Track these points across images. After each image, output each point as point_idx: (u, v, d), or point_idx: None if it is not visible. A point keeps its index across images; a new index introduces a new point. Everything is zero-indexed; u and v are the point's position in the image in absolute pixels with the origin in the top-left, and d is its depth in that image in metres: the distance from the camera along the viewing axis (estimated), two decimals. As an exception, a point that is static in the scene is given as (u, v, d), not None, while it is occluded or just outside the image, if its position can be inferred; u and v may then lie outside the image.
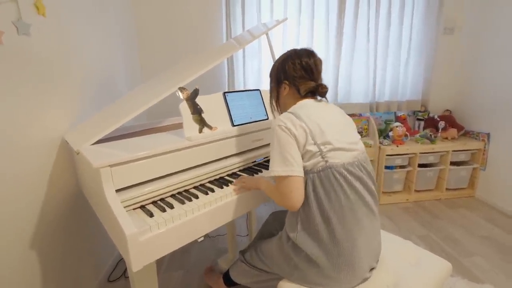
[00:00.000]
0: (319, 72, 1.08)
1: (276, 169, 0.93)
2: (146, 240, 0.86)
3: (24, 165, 1.10)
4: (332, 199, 0.92)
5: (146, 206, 1.01)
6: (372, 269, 1.01)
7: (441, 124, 2.77)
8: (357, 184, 0.95)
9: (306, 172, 0.94)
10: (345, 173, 0.94)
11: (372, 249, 0.99)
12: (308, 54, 1.07)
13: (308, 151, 0.93)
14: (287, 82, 1.08)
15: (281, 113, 1.09)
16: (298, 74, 1.05)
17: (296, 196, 0.92)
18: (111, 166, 0.92)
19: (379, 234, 1.04)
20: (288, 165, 0.92)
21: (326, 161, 0.92)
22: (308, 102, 1.04)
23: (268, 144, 1.43)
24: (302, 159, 0.94)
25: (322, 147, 0.93)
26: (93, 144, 1.09)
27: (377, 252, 1.02)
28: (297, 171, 0.92)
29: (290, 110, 1.01)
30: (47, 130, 1.23)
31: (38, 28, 1.17)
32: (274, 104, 1.17)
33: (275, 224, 1.31)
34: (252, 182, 1.13)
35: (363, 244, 0.95)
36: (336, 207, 0.92)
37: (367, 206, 0.97)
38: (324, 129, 0.95)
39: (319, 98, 1.09)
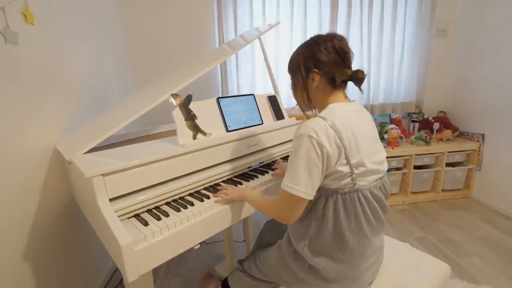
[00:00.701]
0: (350, 57, 0.94)
1: (296, 187, 0.82)
2: (141, 249, 0.85)
3: (15, 176, 1.08)
4: (352, 222, 0.87)
5: (141, 215, 0.99)
6: (372, 280, 1.00)
7: (436, 125, 2.79)
8: (377, 206, 0.91)
9: (329, 191, 0.87)
10: (370, 197, 0.88)
11: (377, 264, 0.99)
12: (339, 37, 0.92)
13: (337, 171, 0.83)
14: (317, 71, 0.91)
15: (318, 109, 0.98)
16: (332, 60, 0.90)
17: (297, 215, 0.88)
18: (104, 175, 0.90)
19: (383, 247, 1.03)
20: (309, 188, 0.82)
21: (355, 184, 0.85)
22: (344, 106, 0.91)
23: (263, 149, 1.42)
24: (326, 177, 0.85)
25: (354, 169, 0.83)
26: (85, 153, 1.07)
27: (379, 264, 1.02)
28: (313, 196, 0.84)
29: (323, 114, 0.86)
30: (38, 140, 1.21)
31: (27, 37, 1.16)
32: (304, 100, 0.98)
33: (270, 233, 1.29)
34: (236, 193, 1.06)
35: (372, 260, 0.95)
36: (354, 230, 0.88)
37: (380, 224, 0.94)
38: (360, 144, 0.84)
39: (350, 98, 0.98)
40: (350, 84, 0.96)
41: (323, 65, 0.91)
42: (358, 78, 0.91)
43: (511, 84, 2.35)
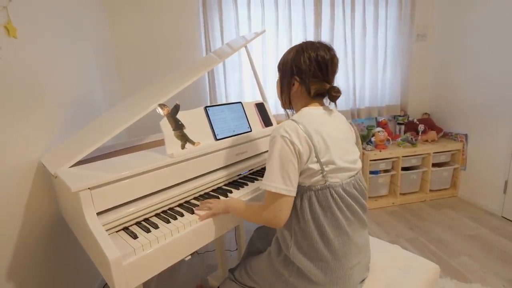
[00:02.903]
0: (334, 72, 0.97)
1: (275, 184, 0.86)
2: (131, 263, 0.83)
3: (-2, 192, 1.05)
4: (329, 216, 0.90)
5: (130, 228, 0.97)
6: (363, 279, 1.01)
7: (421, 127, 2.85)
8: (353, 202, 0.93)
9: (303, 188, 0.90)
10: (343, 193, 0.91)
11: (364, 262, 1.00)
12: (326, 48, 0.95)
13: (309, 169, 0.88)
14: (297, 79, 0.96)
15: (294, 111, 1.02)
16: (311, 71, 0.93)
17: (286, 215, 0.89)
18: (90, 188, 0.89)
19: (369, 245, 1.04)
20: (288, 184, 0.86)
21: (326, 181, 0.89)
22: (316, 110, 0.96)
23: (252, 157, 1.42)
24: (300, 175, 0.89)
25: (324, 166, 0.88)
26: (71, 166, 1.05)
27: (367, 262, 1.03)
28: (294, 192, 0.88)
29: (296, 117, 0.91)
30: (22, 154, 1.18)
31: (9, 50, 1.14)
32: (284, 101, 1.04)
33: (260, 240, 1.29)
34: (219, 205, 1.05)
35: (357, 258, 0.95)
36: (332, 223, 0.90)
37: (360, 221, 0.97)
38: (329, 144, 0.89)
39: (327, 103, 1.02)
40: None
41: (302, 73, 0.95)
42: (331, 95, 0.96)
43: (490, 85, 2.43)
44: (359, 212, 0.95)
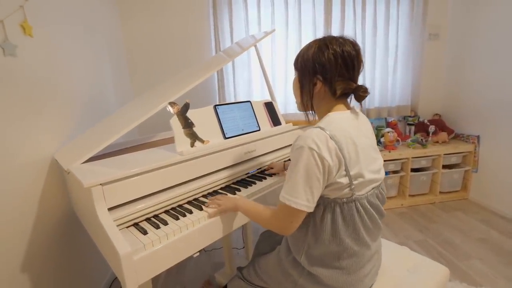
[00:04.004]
0: (359, 69, 0.89)
1: (296, 200, 0.80)
2: (141, 258, 0.85)
3: (13, 187, 1.08)
4: (350, 230, 0.87)
5: (140, 224, 0.99)
6: (372, 284, 1.00)
7: (431, 128, 2.81)
8: (375, 212, 0.90)
9: (327, 200, 0.85)
10: (367, 205, 0.87)
11: (376, 268, 0.99)
12: (351, 43, 0.86)
13: (337, 183, 0.81)
14: (320, 78, 0.87)
15: (318, 115, 0.95)
16: (336, 70, 0.85)
17: (296, 226, 0.86)
18: (102, 184, 0.91)
19: (381, 249, 1.03)
20: (309, 201, 0.80)
21: (353, 194, 0.84)
22: (344, 115, 0.88)
23: (261, 155, 1.43)
24: (326, 188, 0.83)
25: (353, 180, 0.82)
26: (84, 162, 1.07)
27: (378, 268, 1.02)
28: (312, 208, 0.83)
29: (323, 125, 0.83)
30: (36, 150, 1.21)
31: (25, 48, 1.17)
32: (304, 103, 0.94)
33: (267, 242, 1.27)
34: (229, 203, 1.03)
35: (371, 265, 0.95)
36: (353, 236, 0.87)
37: (377, 228, 0.94)
38: (360, 155, 0.83)
39: (352, 105, 0.94)
40: None
41: (326, 72, 0.86)
42: (358, 95, 0.88)
43: (503, 86, 2.38)
44: (378, 220, 0.93)
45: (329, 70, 0.85)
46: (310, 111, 0.95)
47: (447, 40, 2.92)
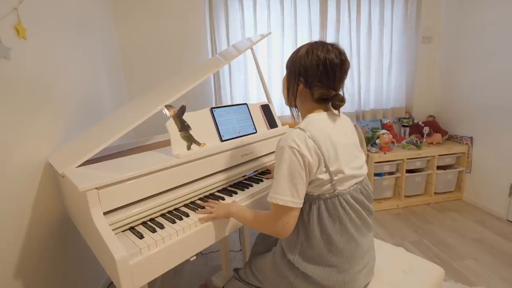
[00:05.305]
0: (341, 79, 0.92)
1: (282, 197, 0.84)
2: (137, 263, 0.84)
3: (6, 191, 1.07)
4: (337, 225, 0.90)
5: (136, 228, 0.98)
6: (367, 283, 1.01)
7: (426, 129, 2.84)
8: (360, 208, 0.93)
9: (311, 197, 0.90)
10: (351, 200, 0.90)
11: (370, 266, 1.00)
12: (338, 51, 0.89)
13: (318, 179, 0.86)
14: (302, 80, 0.92)
15: (301, 115, 1.00)
16: (317, 75, 0.89)
17: (292, 227, 0.89)
18: (98, 188, 0.90)
19: (374, 248, 1.04)
20: (295, 196, 0.84)
21: (335, 189, 0.88)
22: (321, 116, 0.92)
23: (257, 158, 1.43)
24: (309, 185, 0.88)
25: (334, 176, 0.86)
26: (78, 166, 1.06)
27: (372, 266, 1.02)
28: (301, 204, 0.87)
29: (303, 126, 0.88)
30: (30, 154, 1.19)
31: (19, 51, 1.16)
32: (290, 100, 1.00)
33: (263, 244, 1.28)
34: (221, 211, 1.03)
35: (363, 262, 0.95)
36: (340, 231, 0.90)
37: (366, 225, 0.96)
38: (338, 153, 0.87)
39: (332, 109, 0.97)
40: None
41: (307, 76, 0.90)
42: (334, 103, 0.92)
43: (496, 88, 2.41)
44: (365, 216, 0.95)
45: (310, 74, 0.90)
46: (294, 108, 1.02)
47: (441, 43, 2.96)
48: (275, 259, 1.03)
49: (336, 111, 0.96)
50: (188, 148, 1.17)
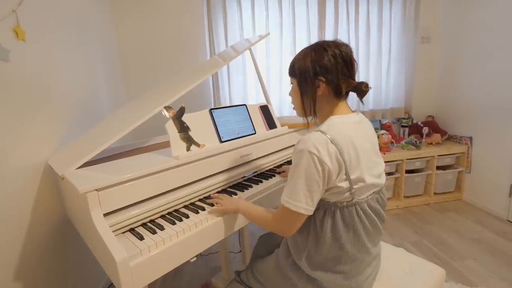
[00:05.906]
0: (356, 68, 0.92)
1: (296, 203, 0.81)
2: (137, 264, 0.84)
3: (6, 193, 1.07)
4: (351, 234, 0.87)
5: (136, 229, 0.98)
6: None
7: (425, 130, 2.84)
8: (375, 216, 0.91)
9: (327, 204, 0.86)
10: (368, 209, 0.88)
11: (375, 272, 0.99)
12: (345, 45, 0.89)
13: (337, 187, 0.82)
14: (322, 79, 0.88)
15: (320, 119, 0.95)
16: (338, 68, 0.87)
17: (296, 229, 0.88)
18: (98, 190, 0.90)
19: (380, 254, 1.04)
20: (309, 204, 0.82)
21: (353, 198, 0.84)
22: (345, 119, 0.89)
23: (257, 159, 1.43)
24: (326, 192, 0.84)
25: (354, 184, 0.83)
26: (78, 168, 1.06)
27: (377, 273, 1.02)
28: (311, 211, 0.84)
29: (324, 128, 0.84)
30: (29, 156, 1.19)
31: (18, 53, 1.16)
32: (307, 108, 0.94)
33: (265, 246, 1.27)
34: (230, 206, 1.04)
35: (370, 271, 0.95)
36: (353, 240, 0.88)
37: (378, 232, 0.94)
38: (360, 158, 0.83)
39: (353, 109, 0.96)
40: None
41: (329, 72, 0.87)
42: (361, 90, 0.89)
43: (495, 88, 2.42)
44: (379, 226, 0.93)
45: (331, 70, 0.87)
46: (311, 116, 0.96)
47: (439, 43, 2.97)
48: (278, 260, 1.02)
49: (359, 112, 0.95)
50: (188, 149, 1.17)
